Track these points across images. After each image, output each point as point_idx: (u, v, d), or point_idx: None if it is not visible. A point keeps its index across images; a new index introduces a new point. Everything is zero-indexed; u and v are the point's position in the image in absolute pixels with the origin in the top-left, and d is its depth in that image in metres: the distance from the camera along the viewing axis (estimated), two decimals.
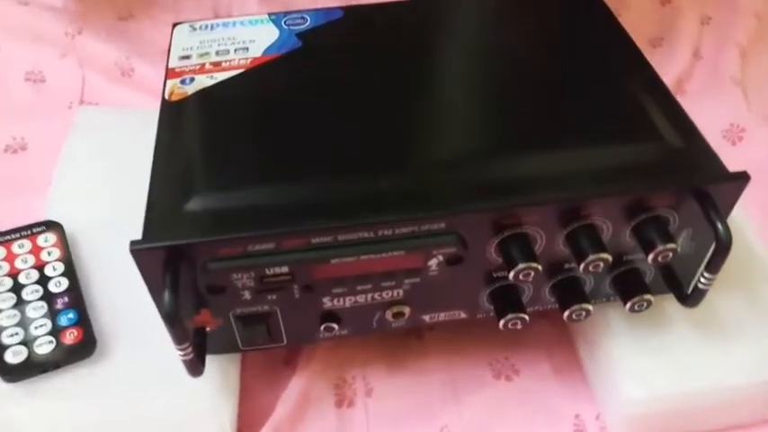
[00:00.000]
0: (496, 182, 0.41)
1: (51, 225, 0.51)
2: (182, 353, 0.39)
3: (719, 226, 0.40)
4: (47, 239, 0.49)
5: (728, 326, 0.47)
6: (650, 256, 0.41)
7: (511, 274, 0.40)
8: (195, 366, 0.41)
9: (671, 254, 0.41)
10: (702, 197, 0.40)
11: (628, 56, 0.50)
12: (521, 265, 0.40)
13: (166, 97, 0.47)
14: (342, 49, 0.51)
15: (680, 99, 0.69)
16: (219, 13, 0.79)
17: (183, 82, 0.48)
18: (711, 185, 0.40)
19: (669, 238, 0.40)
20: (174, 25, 0.54)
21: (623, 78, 0.48)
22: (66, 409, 0.43)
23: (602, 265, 0.40)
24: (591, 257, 0.40)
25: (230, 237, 0.38)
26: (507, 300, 0.44)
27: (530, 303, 0.46)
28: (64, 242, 0.50)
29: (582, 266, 0.41)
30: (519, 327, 0.44)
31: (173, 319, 0.37)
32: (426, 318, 0.46)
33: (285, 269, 0.39)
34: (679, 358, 0.46)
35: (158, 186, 0.41)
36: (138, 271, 0.38)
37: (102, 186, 0.55)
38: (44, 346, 0.43)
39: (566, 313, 0.44)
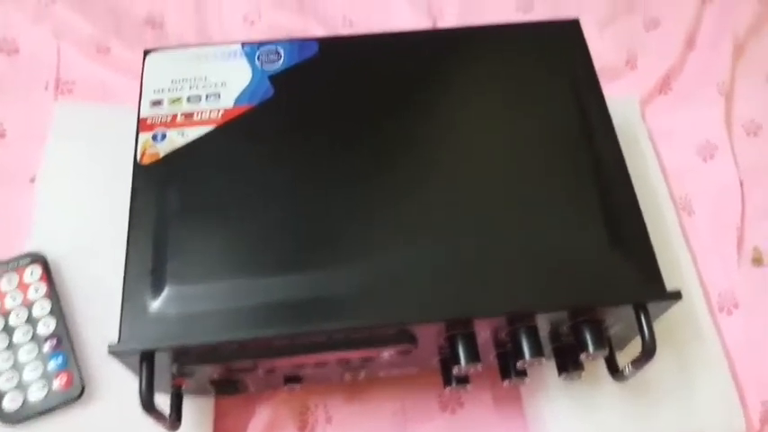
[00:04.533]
0: (448, 288, 0.44)
1: (36, 258, 0.53)
2: (161, 425, 0.45)
3: (647, 337, 0.43)
4: (32, 273, 0.52)
5: (654, 381, 0.52)
6: (582, 356, 0.45)
7: (454, 372, 0.45)
8: (173, 425, 0.46)
9: (601, 355, 0.45)
10: (639, 308, 0.44)
11: (604, 141, 0.50)
12: (464, 366, 0.44)
13: (138, 159, 0.48)
14: (314, 99, 0.51)
15: (663, 98, 0.72)
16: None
17: (154, 138, 0.49)
18: (652, 304, 0.44)
19: (601, 343, 0.44)
20: (146, 53, 0.53)
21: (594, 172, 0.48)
22: None
23: (537, 364, 0.45)
24: (529, 360, 0.44)
25: (195, 344, 0.41)
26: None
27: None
28: (49, 276, 0.53)
29: (519, 364, 0.45)
30: (468, 390, 0.49)
31: (149, 408, 0.42)
32: (382, 373, 0.51)
33: (249, 364, 0.44)
34: (606, 420, 0.51)
35: (132, 276, 0.44)
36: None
37: (83, 209, 0.57)
38: (38, 392, 0.48)
39: (505, 382, 0.49)
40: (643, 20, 0.78)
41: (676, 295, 0.43)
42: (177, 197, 0.47)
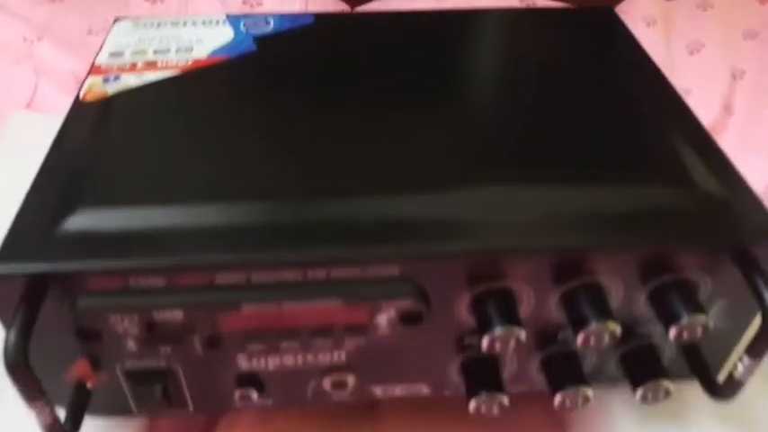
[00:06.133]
0: (474, 221, 0.31)
1: None
2: (38, 414, 0.29)
3: (767, 297, 0.30)
4: None
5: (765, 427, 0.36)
6: (672, 331, 0.30)
7: (484, 342, 0.30)
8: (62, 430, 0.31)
9: (700, 329, 0.30)
10: (745, 260, 0.30)
11: (656, 87, 0.41)
12: (498, 330, 0.30)
13: (80, 96, 0.39)
14: (299, 59, 0.43)
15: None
16: None
17: (105, 81, 0.40)
18: (758, 246, 0.30)
19: (698, 308, 0.30)
20: (115, 20, 0.47)
21: (650, 113, 0.38)
22: None
23: (606, 337, 0.30)
24: (593, 326, 0.30)
25: (104, 266, 0.28)
26: (482, 375, 0.34)
27: (512, 382, 0.35)
28: None
29: (580, 338, 0.30)
30: (496, 412, 0.34)
31: (16, 367, 0.27)
32: (378, 391, 0.36)
33: (179, 315, 0.29)
34: None
35: (34, 199, 0.32)
36: None
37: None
38: None
39: (557, 398, 0.34)
40: None
41: None
42: (114, 129, 0.36)
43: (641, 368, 0.34)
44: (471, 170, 0.34)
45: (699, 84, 0.71)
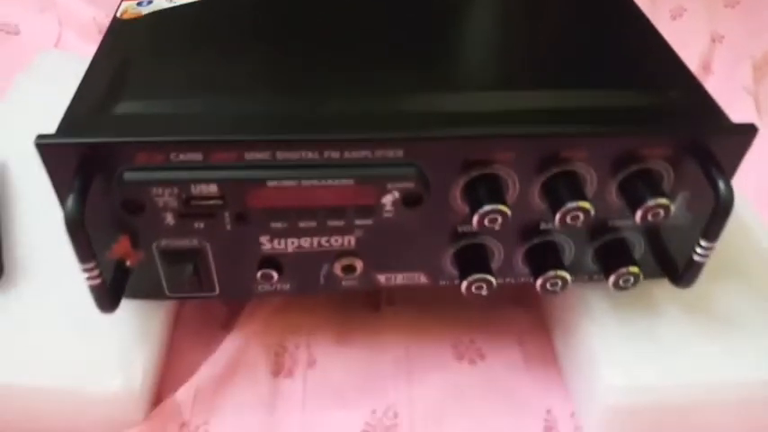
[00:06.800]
0: (468, 114, 0.36)
1: None
2: (88, 275, 0.34)
3: (720, 183, 0.34)
4: None
5: (725, 317, 0.41)
6: (638, 214, 0.35)
7: (475, 220, 0.35)
8: (105, 298, 0.35)
9: (662, 211, 0.35)
10: (702, 152, 0.35)
11: (631, 18, 0.45)
12: (487, 207, 0.34)
13: (118, 15, 0.43)
14: None
15: None
16: None
17: (139, 4, 0.44)
18: (712, 138, 0.35)
19: (662, 193, 0.35)
20: None
21: (617, 25, 0.44)
22: None
23: (581, 216, 0.35)
24: (569, 205, 0.34)
25: (149, 140, 0.33)
26: (473, 260, 0.39)
27: (500, 274, 0.40)
28: None
29: (558, 217, 0.35)
30: (484, 292, 0.39)
31: (75, 227, 0.32)
32: (382, 278, 0.40)
33: (214, 189, 0.34)
34: (667, 346, 0.39)
35: (85, 91, 0.36)
36: (47, 173, 0.33)
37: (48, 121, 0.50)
38: None
39: (539, 282, 0.39)
40: None
41: (748, 128, 0.35)
42: (151, 37, 0.41)
43: (614, 259, 0.39)
44: (469, 75, 0.39)
45: (679, 45, 0.76)
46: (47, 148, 0.32)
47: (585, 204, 0.34)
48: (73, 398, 0.37)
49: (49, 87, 0.53)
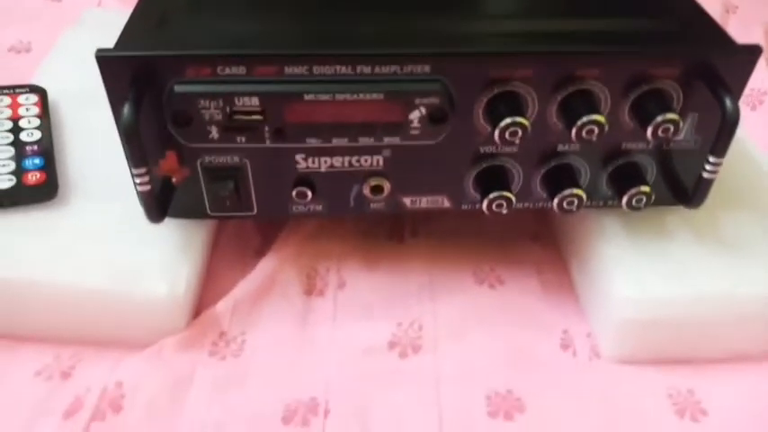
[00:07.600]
0: (490, 34, 0.39)
1: (35, 89, 0.50)
2: (139, 180, 0.37)
3: (727, 100, 0.37)
4: (28, 99, 0.49)
5: (733, 239, 0.43)
6: (649, 130, 0.38)
7: (496, 134, 0.37)
8: (153, 205, 0.39)
9: (672, 127, 0.37)
10: (709, 71, 0.38)
11: None
12: (507, 120, 0.37)
13: None
14: None
15: None
16: None
17: None
18: (718, 58, 0.38)
19: (671, 109, 0.38)
20: None
21: None
22: (20, 243, 0.41)
23: (596, 129, 0.37)
24: (585, 119, 0.37)
25: (199, 53, 0.36)
26: (494, 181, 0.41)
27: (518, 198, 0.42)
28: (45, 105, 0.49)
29: (574, 131, 0.38)
30: (504, 210, 0.41)
31: (130, 131, 0.35)
32: (407, 201, 0.43)
33: (256, 102, 0.37)
34: (679, 264, 0.42)
35: (139, 15, 0.40)
36: (103, 84, 0.36)
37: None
38: (3, 183, 0.42)
39: (555, 200, 0.41)
40: None
41: (753, 49, 0.37)
42: None
43: (627, 180, 0.42)
44: (493, 3, 0.43)
45: None
46: (105, 60, 0.36)
47: (600, 118, 0.37)
48: (122, 301, 0.40)
49: (95, 38, 0.57)
